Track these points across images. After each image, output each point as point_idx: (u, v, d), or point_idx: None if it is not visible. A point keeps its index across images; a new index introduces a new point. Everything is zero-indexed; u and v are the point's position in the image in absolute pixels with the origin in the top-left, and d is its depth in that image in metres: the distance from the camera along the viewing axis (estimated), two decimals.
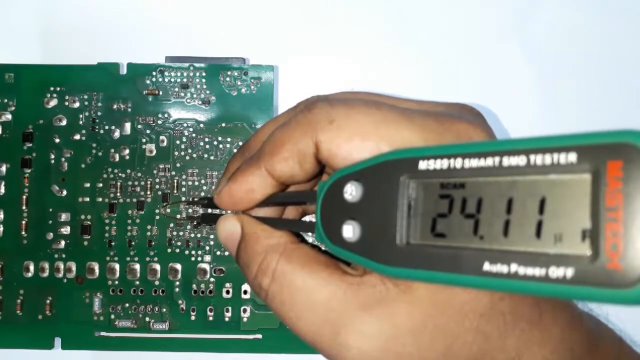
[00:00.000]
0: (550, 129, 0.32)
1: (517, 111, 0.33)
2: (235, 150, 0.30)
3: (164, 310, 0.30)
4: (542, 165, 0.14)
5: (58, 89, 0.31)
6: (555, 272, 0.13)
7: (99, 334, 0.30)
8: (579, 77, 0.33)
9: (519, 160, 0.14)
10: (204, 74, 0.31)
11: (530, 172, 0.14)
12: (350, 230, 0.18)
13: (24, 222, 0.30)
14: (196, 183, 0.30)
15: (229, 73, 0.31)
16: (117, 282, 0.30)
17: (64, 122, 0.31)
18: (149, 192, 0.30)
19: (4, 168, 0.30)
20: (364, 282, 0.17)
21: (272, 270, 0.18)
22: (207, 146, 0.31)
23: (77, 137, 0.31)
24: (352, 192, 0.18)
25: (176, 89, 0.31)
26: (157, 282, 0.30)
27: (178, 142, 0.31)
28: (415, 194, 0.17)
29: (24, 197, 0.30)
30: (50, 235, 0.30)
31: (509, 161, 0.15)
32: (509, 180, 0.15)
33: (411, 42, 0.33)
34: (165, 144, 0.31)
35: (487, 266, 0.15)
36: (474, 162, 0.15)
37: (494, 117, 0.33)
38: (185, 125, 0.31)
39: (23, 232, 0.30)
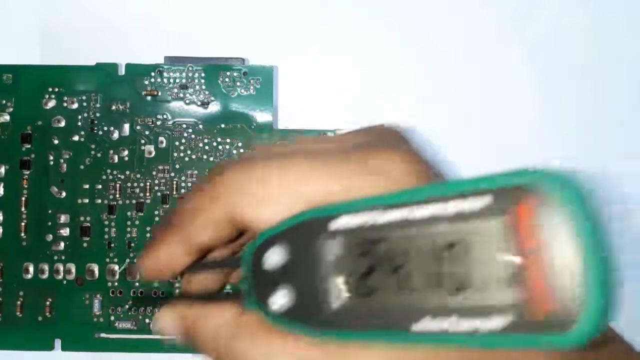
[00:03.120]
0: (550, 129, 0.32)
1: (517, 111, 0.33)
2: (235, 152, 0.30)
3: None
4: (458, 212, 0.14)
5: (56, 89, 0.31)
6: (486, 323, 0.13)
7: (99, 336, 0.30)
8: (579, 77, 0.33)
9: (434, 209, 0.14)
10: (203, 75, 0.31)
11: (448, 220, 0.14)
12: (280, 297, 0.17)
13: (23, 223, 0.30)
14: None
15: (228, 73, 0.31)
16: (116, 284, 0.30)
17: (62, 123, 0.31)
18: (148, 194, 0.30)
19: (2, 169, 0.30)
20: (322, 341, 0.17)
21: (227, 354, 0.18)
22: (207, 147, 0.31)
23: (76, 138, 0.30)
24: (276, 256, 0.17)
25: (175, 90, 0.31)
26: (156, 284, 0.30)
27: (177, 143, 0.31)
28: (340, 252, 0.16)
29: (23, 198, 0.30)
30: (50, 237, 0.30)
31: (423, 211, 0.14)
32: (427, 231, 0.14)
33: (411, 42, 0.33)
34: (164, 145, 0.31)
35: (416, 323, 0.14)
36: (389, 215, 0.15)
37: (493, 118, 0.32)
38: (184, 126, 0.31)
39: (22, 234, 0.30)
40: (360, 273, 0.15)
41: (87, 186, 0.30)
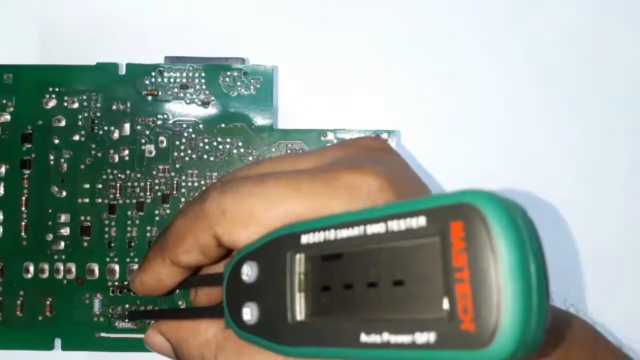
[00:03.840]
0: (551, 129, 0.33)
1: (517, 111, 0.33)
2: (235, 152, 0.30)
3: None
4: (399, 231, 0.14)
5: (57, 89, 0.31)
6: (420, 337, 0.14)
7: (99, 335, 0.30)
8: (580, 77, 0.33)
9: (380, 228, 0.15)
10: (203, 74, 0.31)
11: (391, 238, 0.15)
12: (249, 313, 0.18)
13: (23, 223, 0.30)
14: (195, 184, 0.30)
15: (228, 73, 0.31)
16: (117, 283, 0.30)
17: (63, 123, 0.31)
18: (148, 193, 0.30)
19: (3, 169, 0.30)
20: None
21: None
22: (207, 147, 0.31)
23: (77, 137, 0.31)
24: (248, 272, 0.18)
25: (175, 90, 0.31)
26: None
27: (177, 142, 0.31)
28: (303, 269, 0.17)
29: (24, 198, 0.30)
30: (50, 237, 0.30)
31: (371, 229, 0.15)
32: (376, 248, 0.15)
33: (411, 42, 0.33)
34: (164, 144, 0.31)
35: (363, 337, 0.15)
36: (344, 233, 0.16)
37: (493, 118, 0.33)
38: (184, 125, 0.31)
39: (23, 234, 0.30)
40: (321, 288, 0.16)
41: (87, 186, 0.30)
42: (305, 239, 0.16)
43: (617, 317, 0.28)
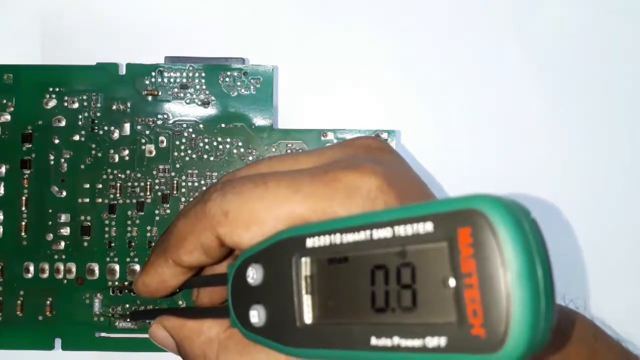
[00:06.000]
0: (550, 129, 0.33)
1: (517, 111, 0.33)
2: (235, 152, 0.31)
3: None
4: (406, 236, 0.14)
5: (57, 89, 0.31)
6: (431, 341, 0.14)
7: (99, 335, 0.30)
8: (579, 77, 0.33)
9: (386, 233, 0.15)
10: (203, 74, 0.31)
11: (397, 243, 0.15)
12: (256, 315, 0.18)
13: (23, 223, 0.30)
14: (195, 184, 0.30)
15: (228, 73, 0.31)
16: (117, 283, 0.30)
17: (63, 123, 0.31)
18: (148, 193, 0.30)
19: (3, 169, 0.30)
20: None
21: None
22: (207, 147, 0.31)
23: (77, 137, 0.31)
24: (253, 275, 0.18)
25: (175, 90, 0.31)
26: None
27: (177, 142, 0.31)
28: (309, 272, 0.17)
29: (24, 198, 0.30)
30: (50, 236, 0.30)
31: (378, 234, 0.15)
32: (383, 252, 0.15)
33: (412, 42, 0.33)
34: (164, 144, 0.31)
35: (374, 340, 0.15)
36: (350, 237, 0.16)
37: (493, 118, 0.33)
38: (184, 125, 0.31)
39: (23, 233, 0.30)
40: (328, 291, 0.16)
41: (87, 185, 0.30)
42: (310, 242, 0.17)
43: (617, 314, 0.28)
